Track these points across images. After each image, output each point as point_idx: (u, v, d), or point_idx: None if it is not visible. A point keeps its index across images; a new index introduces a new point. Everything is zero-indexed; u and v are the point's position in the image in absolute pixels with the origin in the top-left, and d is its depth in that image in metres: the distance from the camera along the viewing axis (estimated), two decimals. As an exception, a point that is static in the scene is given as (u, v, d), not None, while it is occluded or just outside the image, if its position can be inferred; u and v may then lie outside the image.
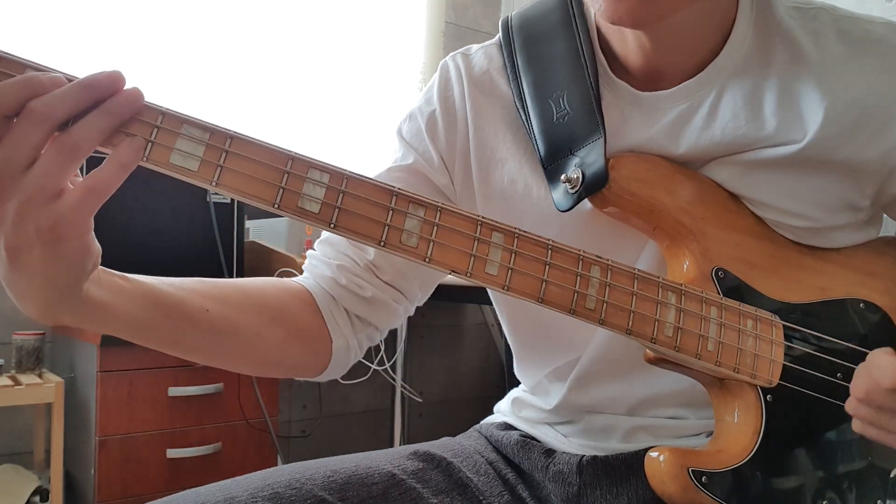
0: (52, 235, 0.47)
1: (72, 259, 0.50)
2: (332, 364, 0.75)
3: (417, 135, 0.78)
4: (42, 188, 0.46)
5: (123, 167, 0.48)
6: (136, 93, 0.49)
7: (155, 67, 2.28)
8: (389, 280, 0.76)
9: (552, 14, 0.73)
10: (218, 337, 0.65)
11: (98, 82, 0.47)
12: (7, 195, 0.46)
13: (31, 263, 0.48)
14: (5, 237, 0.47)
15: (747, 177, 0.67)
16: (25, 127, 0.46)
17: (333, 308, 0.74)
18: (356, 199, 0.53)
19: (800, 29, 0.67)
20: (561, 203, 0.67)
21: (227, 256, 1.90)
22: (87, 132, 0.47)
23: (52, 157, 0.46)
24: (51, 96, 0.46)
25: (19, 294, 0.51)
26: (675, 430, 0.74)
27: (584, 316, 0.58)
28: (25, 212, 0.46)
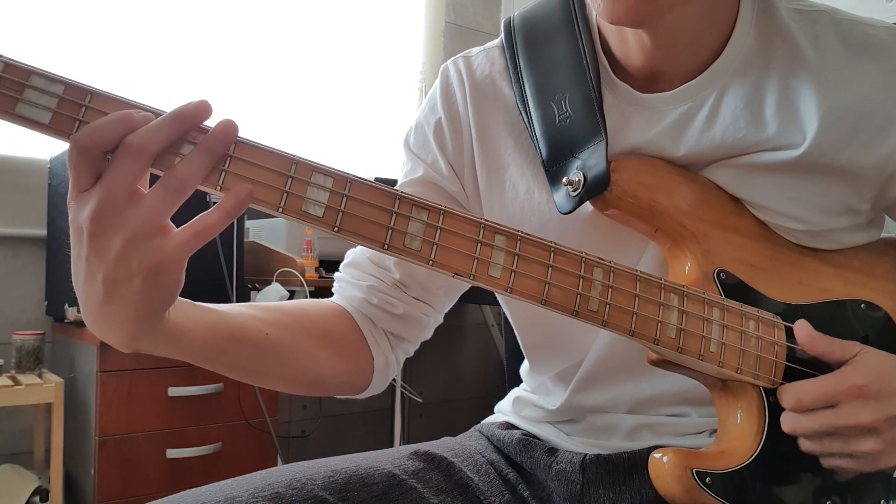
0: (153, 270, 0.49)
1: (166, 291, 0.51)
2: (374, 381, 0.77)
3: (425, 145, 0.79)
4: (148, 224, 0.48)
5: (229, 215, 0.50)
6: (230, 126, 0.50)
7: (157, 71, 2.28)
8: (417, 295, 0.78)
9: (554, 15, 0.73)
10: (277, 359, 0.68)
11: (187, 113, 0.49)
12: (112, 229, 0.47)
13: (127, 295, 0.49)
14: (105, 270, 0.49)
15: (747, 180, 0.67)
16: (124, 160, 0.47)
17: (371, 327, 0.77)
18: (360, 202, 0.53)
19: (800, 31, 0.67)
20: (563, 205, 0.67)
21: (227, 256, 1.90)
22: (191, 170, 0.49)
23: (159, 195, 0.48)
24: (145, 130, 0.48)
25: (107, 325, 0.52)
26: (678, 428, 0.74)
27: (588, 318, 0.58)
28: (131, 247, 0.48)
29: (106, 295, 0.49)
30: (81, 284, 0.51)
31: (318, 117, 2.66)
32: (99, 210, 0.47)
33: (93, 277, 0.49)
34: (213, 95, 2.04)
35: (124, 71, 2.21)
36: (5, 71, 0.48)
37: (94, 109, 0.49)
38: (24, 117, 0.48)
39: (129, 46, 2.24)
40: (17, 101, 0.48)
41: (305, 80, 2.64)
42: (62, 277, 1.85)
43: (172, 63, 2.32)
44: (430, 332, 0.82)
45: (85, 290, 0.51)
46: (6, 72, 0.48)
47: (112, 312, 0.51)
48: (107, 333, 0.53)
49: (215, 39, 2.42)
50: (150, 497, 0.69)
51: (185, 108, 0.49)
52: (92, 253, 0.48)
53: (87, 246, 0.48)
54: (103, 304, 0.50)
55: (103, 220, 0.47)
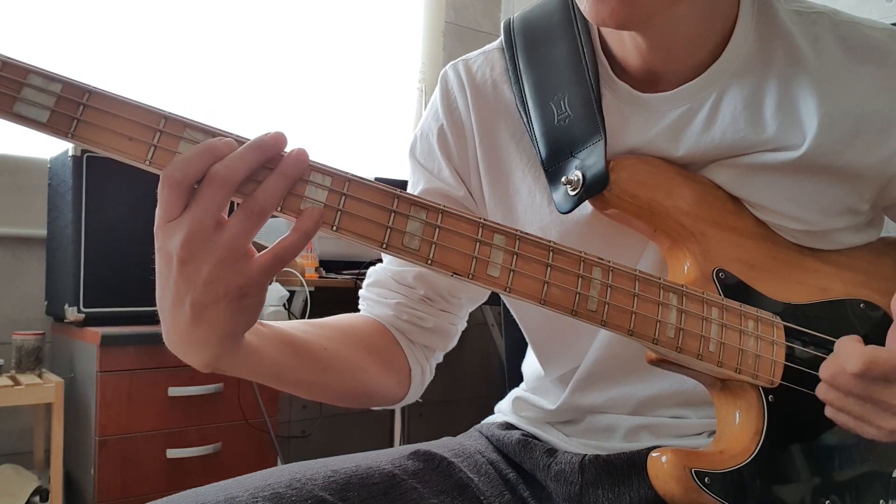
0: (238, 294, 0.51)
1: (250, 313, 0.54)
2: (411, 390, 0.79)
3: (430, 154, 0.79)
4: (233, 250, 0.50)
5: (306, 235, 0.51)
6: (302, 154, 0.52)
7: (157, 71, 2.28)
8: (443, 308, 0.80)
9: (553, 16, 0.73)
10: (336, 373, 0.70)
11: (266, 144, 0.51)
12: (201, 256, 0.49)
13: (214, 318, 0.52)
14: (193, 295, 0.50)
15: (747, 179, 0.67)
16: (211, 191, 0.49)
17: (406, 340, 0.79)
18: (358, 201, 0.53)
19: (800, 33, 0.67)
20: (562, 205, 0.67)
21: (228, 256, 1.90)
22: (269, 195, 0.50)
23: (241, 221, 0.50)
24: (230, 160, 0.50)
25: (193, 346, 0.55)
26: (677, 430, 0.74)
27: (586, 317, 0.58)
28: (218, 272, 0.50)
29: (194, 318, 0.51)
30: (168, 308, 0.52)
31: (318, 117, 2.66)
32: (189, 238, 0.49)
33: (181, 302, 0.51)
34: (214, 95, 2.04)
35: (124, 71, 2.21)
36: (3, 69, 0.47)
37: (91, 108, 0.49)
38: (22, 116, 0.48)
39: (129, 46, 2.24)
40: (14, 100, 0.48)
41: (305, 80, 2.64)
42: (62, 277, 1.85)
43: (173, 63, 2.32)
44: (457, 340, 0.84)
45: (172, 313, 0.52)
46: (4, 70, 0.47)
47: (199, 334, 0.53)
48: (191, 354, 0.55)
49: (215, 39, 2.42)
50: (150, 497, 0.69)
51: (265, 139, 0.51)
52: (181, 278, 0.50)
53: (176, 272, 0.50)
54: (191, 327, 0.52)
55: (192, 248, 0.49)
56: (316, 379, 0.68)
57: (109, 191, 1.79)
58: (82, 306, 1.77)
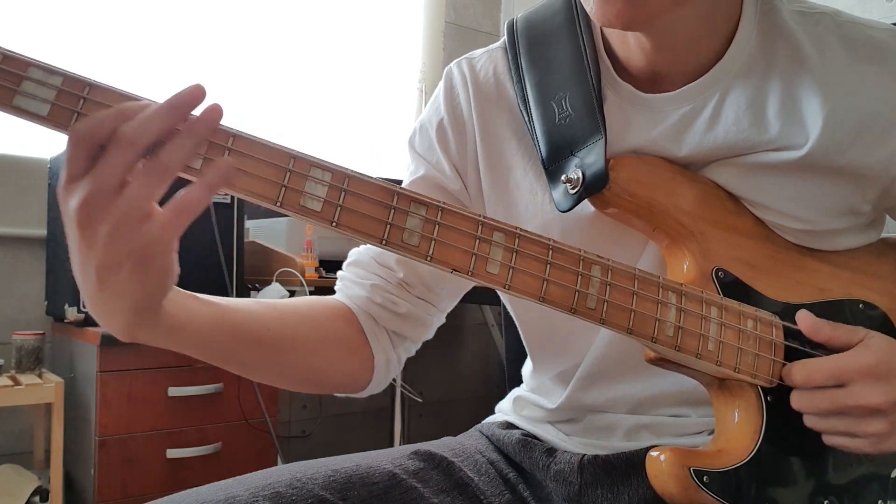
0: (142, 255, 0.49)
1: (157, 277, 0.51)
2: (374, 379, 0.77)
3: (429, 147, 0.79)
4: (134, 210, 0.47)
5: (211, 188, 0.49)
6: (216, 110, 0.50)
7: (157, 68, 2.28)
8: (420, 294, 0.78)
9: (557, 16, 0.73)
10: (278, 354, 0.68)
11: (183, 102, 0.48)
12: (100, 218, 0.47)
13: (119, 283, 0.50)
14: (96, 259, 0.49)
15: (749, 179, 0.67)
16: (116, 152, 0.47)
17: (373, 325, 0.77)
18: (358, 197, 0.53)
19: (802, 34, 0.67)
20: (561, 203, 0.67)
21: (227, 256, 1.90)
22: (175, 155, 0.48)
23: (144, 180, 0.48)
24: (138, 121, 0.47)
25: (105, 313, 0.53)
26: (677, 429, 0.74)
27: (585, 315, 0.58)
28: (118, 233, 0.48)
29: (99, 283, 0.50)
30: (78, 273, 0.51)
31: (318, 117, 2.66)
32: (87, 200, 0.47)
33: (86, 266, 0.50)
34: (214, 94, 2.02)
35: (125, 68, 2.21)
36: (3, 62, 0.47)
37: (92, 101, 0.49)
38: (22, 109, 0.48)
39: (130, 43, 2.24)
40: (15, 93, 0.47)
41: (306, 79, 2.64)
42: (62, 277, 1.85)
43: (173, 62, 2.32)
44: (433, 332, 0.82)
45: (81, 278, 0.51)
46: (4, 63, 0.47)
47: (107, 301, 0.51)
48: (105, 321, 0.54)
49: (216, 38, 2.42)
50: (150, 497, 0.69)
51: (180, 96, 0.48)
52: (83, 242, 0.49)
53: (77, 235, 0.49)
54: (98, 293, 0.51)
55: (91, 210, 0.47)
56: (256, 360, 0.67)
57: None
58: (82, 306, 1.77)
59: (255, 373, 0.69)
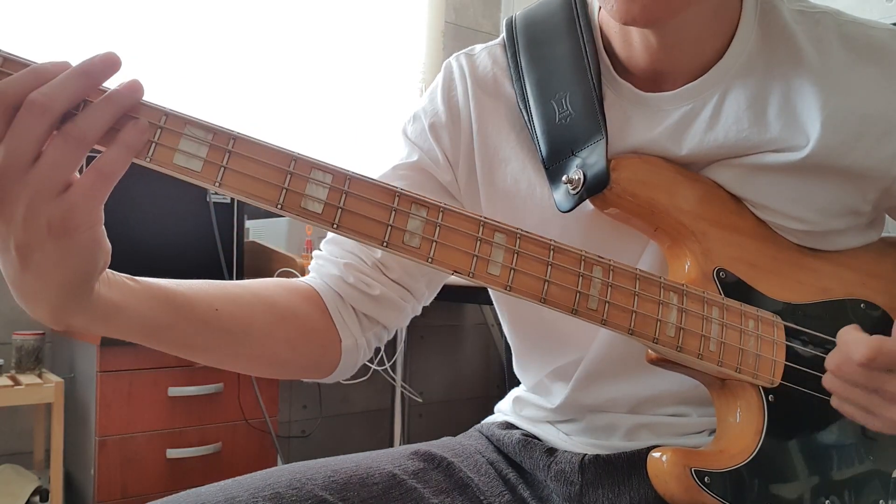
0: (63, 228, 0.46)
1: (84, 253, 0.48)
2: (342, 364, 0.74)
3: (422, 134, 0.78)
4: (50, 180, 0.45)
5: (129, 148, 0.47)
6: (136, 83, 0.48)
7: (157, 69, 2.28)
8: (397, 278, 0.75)
9: (556, 15, 0.73)
10: (228, 337, 0.65)
11: (94, 67, 0.46)
12: (15, 191, 0.45)
13: (42, 261, 0.47)
14: (15, 236, 0.46)
15: (749, 180, 0.67)
16: (27, 120, 0.45)
17: (341, 307, 0.74)
18: (359, 199, 0.53)
19: (802, 34, 0.67)
20: (562, 204, 0.67)
21: (227, 256, 1.90)
22: (91, 122, 0.46)
23: (59, 148, 0.45)
24: (49, 86, 0.45)
25: (30, 296, 0.50)
26: (678, 428, 0.74)
27: (587, 316, 0.58)
28: (36, 206, 0.45)
29: (21, 263, 0.47)
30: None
31: (318, 116, 2.66)
32: (1, 172, 0.45)
33: (6, 247, 0.47)
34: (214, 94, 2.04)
35: (125, 69, 2.21)
36: (4, 65, 0.47)
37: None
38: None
39: (130, 44, 2.24)
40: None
41: (306, 79, 2.64)
42: (62, 277, 1.85)
43: (174, 61, 2.32)
44: (407, 320, 0.79)
45: (2, 260, 0.48)
46: (5, 66, 0.47)
47: (32, 283, 0.48)
48: (32, 307, 0.51)
49: (216, 37, 2.42)
50: (150, 497, 0.69)
51: (91, 61, 0.46)
52: (0, 220, 0.46)
53: None
54: (22, 274, 0.48)
55: (5, 183, 0.45)
56: (204, 342, 0.63)
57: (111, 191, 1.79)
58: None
59: (207, 357, 0.66)
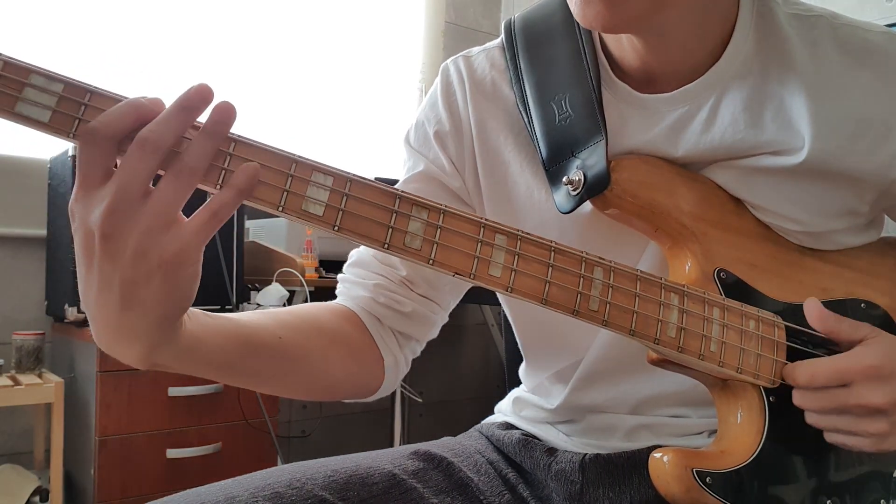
0: (173, 263, 0.47)
1: (186, 287, 0.49)
2: (385, 382, 0.76)
3: (426, 142, 0.78)
4: (163, 216, 0.46)
5: (241, 192, 0.48)
6: (228, 108, 0.49)
7: (158, 71, 2.28)
8: (424, 293, 0.77)
9: (555, 16, 0.73)
10: (291, 364, 0.66)
11: (191, 101, 0.48)
12: (127, 227, 0.46)
13: (146, 297, 0.47)
14: (122, 273, 0.46)
15: (747, 181, 0.67)
16: (140, 156, 0.46)
17: (378, 326, 0.75)
18: (360, 201, 0.53)
19: (797, 38, 0.66)
20: (563, 205, 0.67)
21: (227, 256, 1.90)
22: (198, 156, 0.47)
23: (172, 184, 0.47)
24: (157, 123, 0.46)
25: (127, 335, 0.50)
26: (678, 429, 0.74)
27: (588, 317, 0.58)
28: (147, 242, 0.46)
29: (124, 301, 0.47)
30: (94, 296, 0.48)
31: (318, 117, 2.66)
32: (112, 208, 0.45)
33: (108, 285, 0.47)
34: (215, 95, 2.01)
35: (125, 71, 2.21)
36: (4, 69, 0.47)
37: (93, 108, 0.48)
38: (24, 116, 0.47)
39: (130, 46, 2.24)
40: (16, 100, 0.47)
41: (306, 79, 2.64)
42: (62, 277, 1.85)
43: (174, 63, 2.32)
44: (437, 331, 0.81)
45: (98, 302, 0.48)
46: (5, 70, 0.47)
47: (131, 321, 0.48)
48: (125, 347, 0.51)
49: (216, 39, 2.42)
50: (150, 497, 0.69)
51: (188, 96, 0.48)
52: (105, 257, 0.46)
53: (99, 249, 0.46)
54: (122, 313, 0.48)
55: (117, 219, 0.45)
56: (271, 371, 0.65)
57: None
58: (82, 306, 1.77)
59: (272, 385, 0.67)
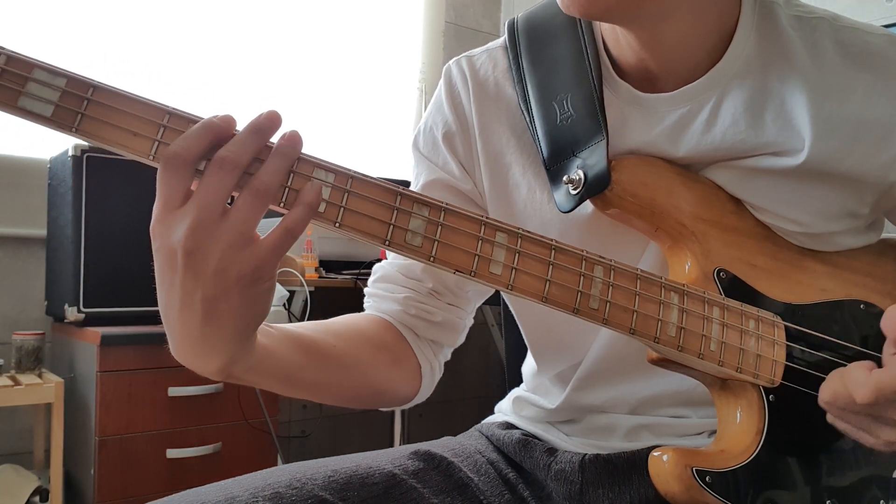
0: (251, 278, 0.49)
1: (262, 301, 0.51)
2: (423, 387, 0.79)
3: (435, 147, 0.79)
4: (242, 233, 0.48)
5: (310, 207, 0.50)
6: (296, 135, 0.51)
7: (159, 71, 2.28)
8: (450, 301, 0.79)
9: (557, 17, 0.73)
10: (344, 371, 0.68)
11: (263, 126, 0.50)
12: (208, 244, 0.48)
13: (226, 311, 0.49)
14: (204, 289, 0.48)
15: (748, 182, 0.67)
16: (220, 175, 0.48)
17: (414, 336, 0.78)
18: (361, 198, 0.53)
19: (799, 40, 0.67)
20: (563, 204, 0.67)
21: (227, 256, 1.89)
22: (272, 175, 0.50)
23: (249, 203, 0.49)
24: (234, 144, 0.49)
25: (208, 348, 0.52)
26: (677, 429, 0.74)
27: (588, 316, 0.58)
28: (227, 259, 0.48)
29: (205, 315, 0.49)
30: (176, 312, 0.50)
31: (318, 117, 2.66)
32: (196, 226, 0.47)
33: (190, 301, 0.49)
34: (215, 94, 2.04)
35: (127, 69, 2.21)
36: (8, 64, 0.47)
37: (96, 103, 0.49)
38: (27, 110, 0.48)
39: (132, 44, 2.24)
40: (19, 95, 0.47)
41: (306, 80, 2.64)
42: (62, 277, 1.85)
43: (175, 62, 2.32)
44: (465, 335, 0.83)
45: (181, 317, 0.50)
46: (9, 65, 0.47)
47: (212, 334, 0.50)
48: (205, 360, 0.53)
49: (217, 39, 2.42)
50: (150, 497, 0.69)
51: (260, 121, 0.50)
52: (188, 273, 0.48)
53: (182, 266, 0.48)
54: (203, 327, 0.50)
55: (199, 236, 0.47)
56: (328, 379, 0.67)
57: (109, 190, 1.79)
58: (82, 306, 1.77)
59: (326, 393, 0.69)
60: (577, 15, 0.63)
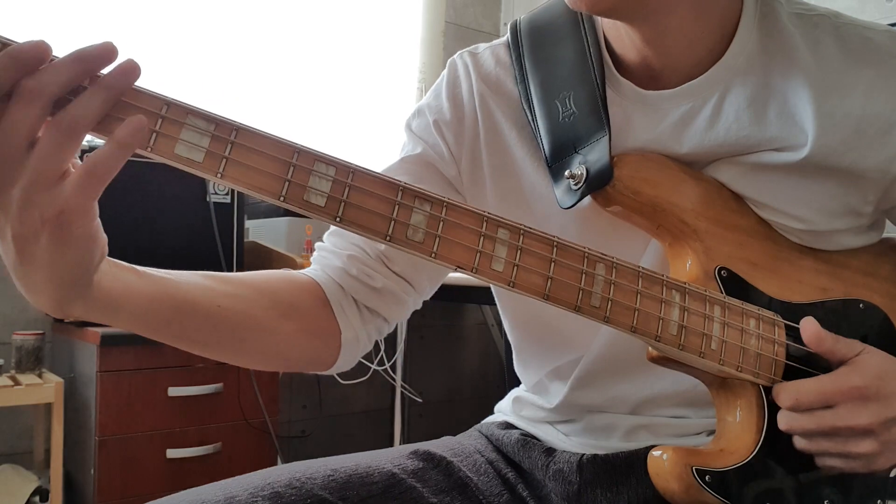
0: (56, 222, 0.46)
1: (78, 247, 0.48)
2: (342, 357, 0.74)
3: (426, 129, 0.79)
4: (43, 171, 0.45)
5: (123, 147, 0.46)
6: (131, 65, 0.47)
7: (157, 67, 2.28)
8: (400, 271, 0.75)
9: (560, 17, 0.74)
10: (231, 333, 0.65)
11: (90, 55, 0.45)
12: (10, 179, 0.45)
13: (38, 253, 0.47)
14: (12, 226, 0.46)
15: (750, 178, 0.67)
16: (20, 106, 0.44)
17: (342, 299, 0.74)
18: (362, 193, 0.52)
19: (800, 37, 0.67)
20: (564, 200, 0.67)
21: (227, 256, 1.90)
22: (83, 109, 0.45)
23: (51, 137, 0.45)
24: (42, 72, 0.44)
25: (29, 287, 0.50)
26: (677, 429, 0.74)
27: (590, 313, 0.58)
28: (29, 197, 0.45)
29: (18, 254, 0.47)
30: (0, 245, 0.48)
31: (317, 116, 2.66)
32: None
33: (3, 236, 0.47)
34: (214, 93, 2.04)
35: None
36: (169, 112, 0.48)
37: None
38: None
39: (132, 44, 2.24)
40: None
41: (305, 79, 2.64)
42: (62, 277, 1.85)
43: (174, 60, 2.32)
44: (408, 314, 0.79)
45: (4, 251, 0.48)
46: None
47: (30, 274, 0.48)
48: (31, 296, 0.51)
49: (216, 37, 2.42)
50: (150, 497, 0.69)
51: (88, 48, 0.45)
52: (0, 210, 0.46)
53: None
54: (19, 266, 0.48)
55: (2, 170, 0.44)
56: (206, 338, 0.64)
57: (109, 190, 1.78)
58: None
59: (207, 351, 0.66)
60: (585, 10, 0.63)
